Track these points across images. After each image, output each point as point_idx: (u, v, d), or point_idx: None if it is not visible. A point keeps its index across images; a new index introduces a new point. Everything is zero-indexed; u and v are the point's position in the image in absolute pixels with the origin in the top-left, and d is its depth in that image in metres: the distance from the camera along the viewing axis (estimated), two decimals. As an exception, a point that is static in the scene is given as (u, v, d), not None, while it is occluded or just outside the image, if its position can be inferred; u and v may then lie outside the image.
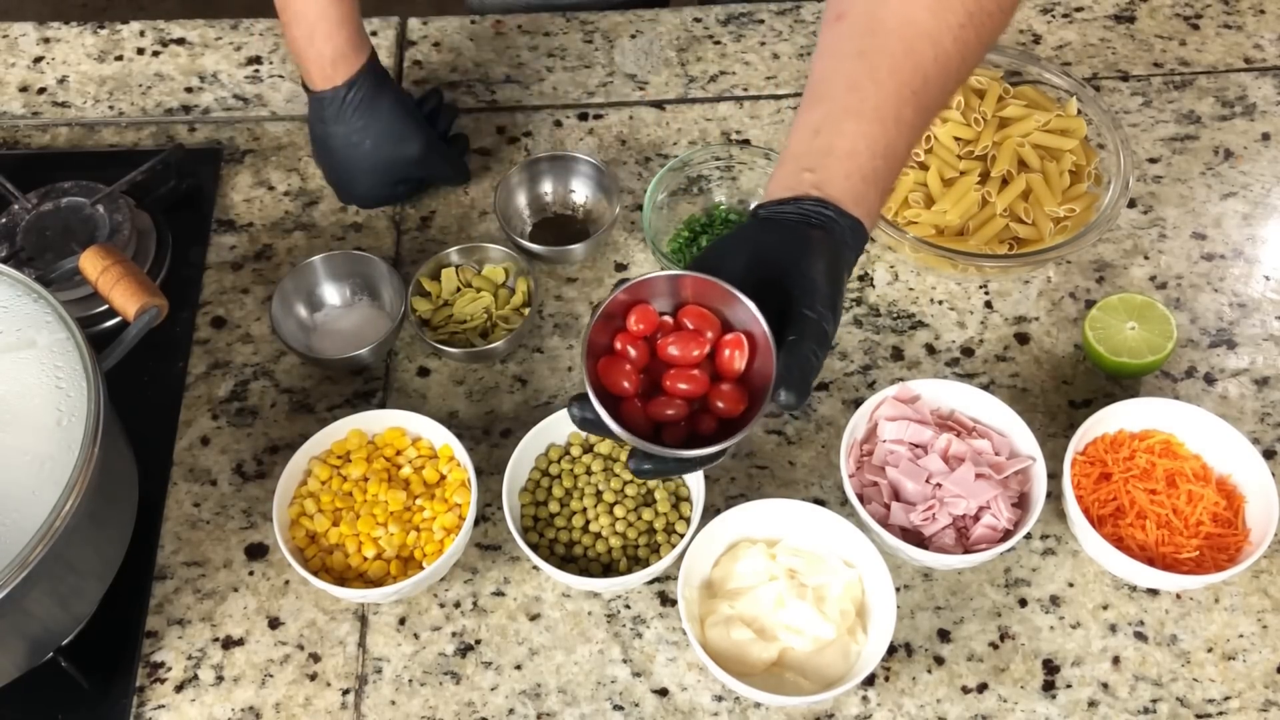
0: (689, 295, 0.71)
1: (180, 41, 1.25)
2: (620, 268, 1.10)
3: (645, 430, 0.69)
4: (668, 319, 0.71)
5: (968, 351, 1.05)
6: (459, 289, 1.04)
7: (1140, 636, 0.91)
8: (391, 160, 1.06)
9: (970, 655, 0.90)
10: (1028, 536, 0.95)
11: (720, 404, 0.70)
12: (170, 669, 0.89)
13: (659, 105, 1.21)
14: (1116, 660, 0.90)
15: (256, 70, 1.23)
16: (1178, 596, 0.93)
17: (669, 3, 1.31)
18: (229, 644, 0.90)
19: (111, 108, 1.20)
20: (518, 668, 0.90)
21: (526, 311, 1.03)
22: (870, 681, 0.89)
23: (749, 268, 0.73)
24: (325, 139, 1.05)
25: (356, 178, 1.07)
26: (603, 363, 0.70)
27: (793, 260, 0.73)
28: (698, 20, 1.27)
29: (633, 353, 0.70)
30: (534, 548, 0.90)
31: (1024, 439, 0.94)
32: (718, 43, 1.25)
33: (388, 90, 1.05)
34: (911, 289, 1.09)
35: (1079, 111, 1.13)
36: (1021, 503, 0.92)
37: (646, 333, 0.70)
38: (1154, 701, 0.89)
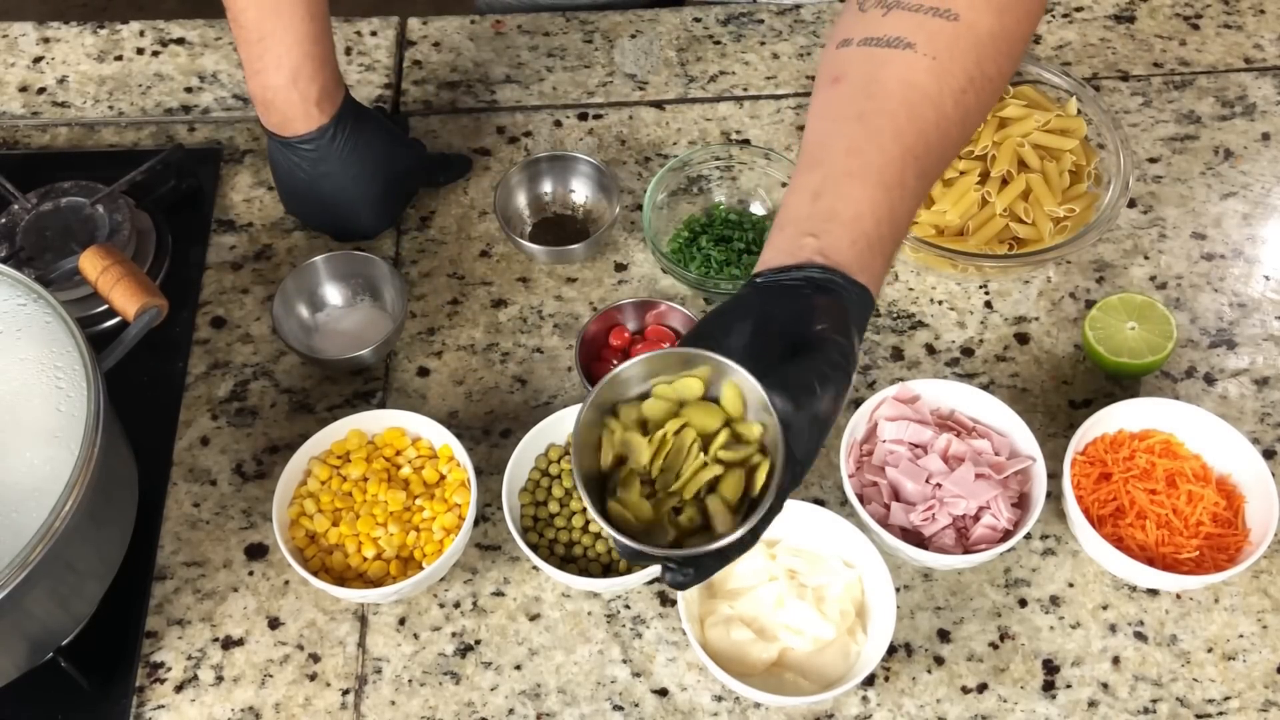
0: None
1: (180, 41, 1.25)
2: (620, 268, 1.10)
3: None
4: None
5: (967, 351, 1.05)
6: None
7: (1140, 636, 0.91)
8: (391, 179, 1.06)
9: (970, 655, 0.90)
10: (1027, 536, 0.95)
11: None
12: (170, 669, 0.89)
13: (659, 105, 1.21)
14: (1116, 660, 0.90)
15: (256, 70, 1.23)
16: (1178, 596, 0.93)
17: (668, 2, 1.31)
18: (229, 644, 0.90)
19: (111, 108, 1.20)
20: (517, 668, 0.90)
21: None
22: (870, 681, 0.89)
23: (754, 338, 0.69)
24: (314, 183, 1.02)
25: (362, 211, 1.06)
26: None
27: (803, 326, 0.70)
28: (698, 20, 1.27)
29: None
30: (534, 548, 0.90)
31: (1024, 439, 0.94)
32: (718, 43, 1.25)
33: (367, 114, 1.04)
34: (911, 289, 1.09)
35: (1079, 111, 1.13)
36: (1021, 503, 0.92)
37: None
38: (1154, 701, 0.89)
